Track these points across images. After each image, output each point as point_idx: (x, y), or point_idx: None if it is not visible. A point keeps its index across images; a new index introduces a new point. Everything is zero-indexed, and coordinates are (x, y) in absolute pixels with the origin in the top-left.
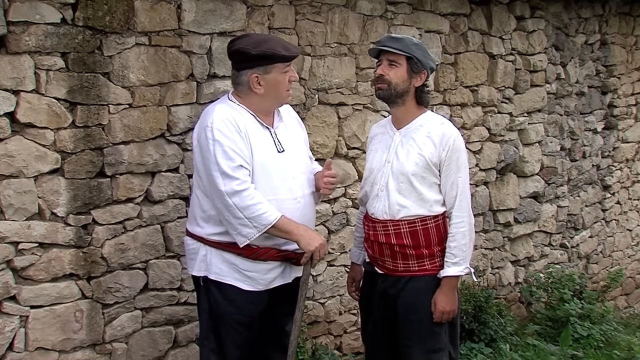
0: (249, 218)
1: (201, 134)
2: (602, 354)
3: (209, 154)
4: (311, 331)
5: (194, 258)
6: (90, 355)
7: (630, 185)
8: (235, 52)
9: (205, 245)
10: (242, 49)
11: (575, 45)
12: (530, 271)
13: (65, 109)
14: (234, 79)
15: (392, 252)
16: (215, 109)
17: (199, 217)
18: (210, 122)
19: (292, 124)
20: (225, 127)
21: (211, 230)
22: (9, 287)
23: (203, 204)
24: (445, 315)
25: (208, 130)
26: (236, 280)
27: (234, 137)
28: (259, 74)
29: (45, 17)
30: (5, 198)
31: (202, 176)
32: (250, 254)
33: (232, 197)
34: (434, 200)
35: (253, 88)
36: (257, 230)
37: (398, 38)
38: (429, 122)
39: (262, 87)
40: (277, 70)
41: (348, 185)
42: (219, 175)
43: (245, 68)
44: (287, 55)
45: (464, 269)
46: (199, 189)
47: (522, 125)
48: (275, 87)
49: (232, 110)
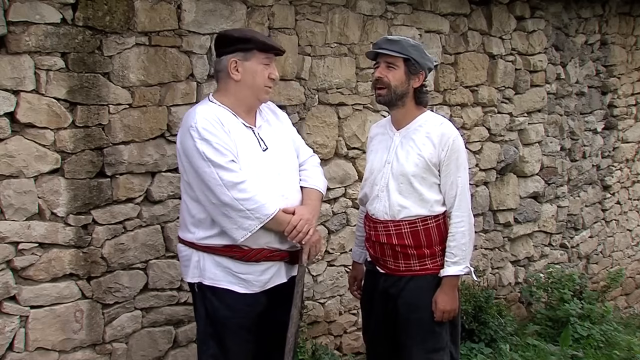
0: (250, 209)
1: (185, 136)
2: (602, 354)
3: (197, 154)
4: (311, 331)
5: (187, 265)
6: (90, 355)
7: (630, 185)
8: (218, 38)
9: (198, 250)
10: (225, 33)
11: (575, 45)
12: (530, 271)
13: (65, 109)
14: (215, 67)
15: (394, 252)
16: (197, 110)
17: (189, 223)
18: (194, 122)
19: (275, 123)
20: (210, 126)
21: (202, 234)
22: (9, 287)
23: (191, 209)
24: (446, 314)
25: (193, 130)
26: (231, 283)
27: (220, 134)
28: (237, 59)
29: (45, 17)
30: (5, 198)
31: (191, 179)
32: (242, 256)
33: (231, 190)
34: (435, 200)
35: (230, 73)
36: (258, 222)
37: (395, 40)
38: (429, 122)
39: (240, 74)
40: (256, 59)
41: (348, 185)
42: (214, 170)
43: (225, 53)
44: (266, 42)
45: (463, 269)
46: (186, 195)
47: (522, 126)
48: (252, 75)
49: (213, 109)
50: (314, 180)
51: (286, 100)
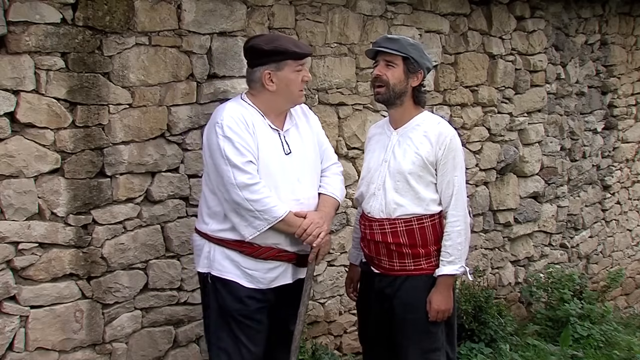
0: (259, 211)
1: (211, 131)
2: (602, 354)
3: (218, 150)
4: (311, 331)
5: (199, 254)
6: (90, 355)
7: (630, 185)
8: (249, 49)
9: (210, 242)
10: (256, 45)
11: (575, 45)
12: (530, 271)
13: (65, 109)
14: (248, 76)
15: (389, 251)
16: (226, 107)
17: (205, 214)
18: (220, 119)
19: (304, 127)
20: (235, 124)
21: (215, 227)
22: (9, 287)
23: (209, 200)
24: (440, 314)
25: (218, 127)
26: (237, 277)
27: (244, 134)
28: (271, 71)
29: (45, 17)
30: (5, 198)
31: (210, 172)
32: (252, 252)
33: (243, 191)
34: (431, 199)
35: (265, 84)
36: (267, 223)
37: (394, 39)
38: (426, 121)
39: (274, 84)
40: (289, 67)
41: (348, 185)
42: (230, 169)
43: (258, 65)
44: (298, 52)
45: (459, 268)
46: (206, 186)
47: (522, 125)
48: (287, 84)
49: (242, 109)
50: (332, 188)
51: None
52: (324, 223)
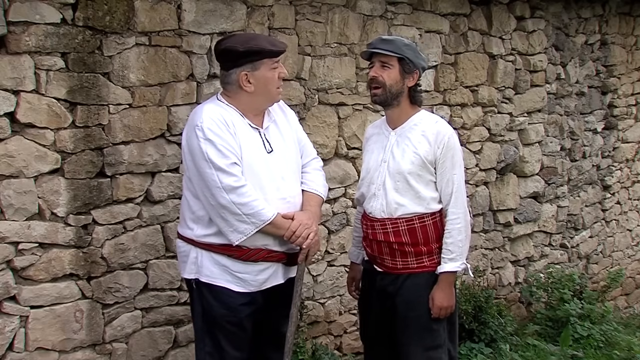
0: (246, 214)
1: (191, 134)
2: (602, 354)
3: (200, 153)
4: (311, 331)
5: (185, 260)
6: (90, 355)
7: (630, 185)
8: (223, 52)
9: (196, 247)
10: (230, 47)
11: (575, 45)
12: (530, 271)
13: (65, 109)
14: (222, 79)
15: (391, 250)
16: (204, 108)
17: (189, 219)
18: (200, 121)
19: (283, 123)
20: (215, 126)
21: (201, 232)
22: (9, 287)
23: (192, 205)
24: (443, 311)
25: (198, 129)
26: (228, 282)
27: (225, 135)
28: (247, 72)
29: (45, 17)
30: (5, 198)
31: (192, 177)
32: (241, 255)
33: (229, 194)
34: (431, 198)
35: (243, 86)
36: (254, 227)
37: (389, 40)
38: (424, 121)
39: (252, 85)
40: (265, 66)
41: (348, 185)
42: (214, 172)
43: (233, 67)
44: (274, 50)
45: (460, 265)
46: (188, 191)
47: (522, 125)
48: (264, 84)
49: (221, 109)
50: (315, 184)
51: (286, 100)
52: (312, 223)
